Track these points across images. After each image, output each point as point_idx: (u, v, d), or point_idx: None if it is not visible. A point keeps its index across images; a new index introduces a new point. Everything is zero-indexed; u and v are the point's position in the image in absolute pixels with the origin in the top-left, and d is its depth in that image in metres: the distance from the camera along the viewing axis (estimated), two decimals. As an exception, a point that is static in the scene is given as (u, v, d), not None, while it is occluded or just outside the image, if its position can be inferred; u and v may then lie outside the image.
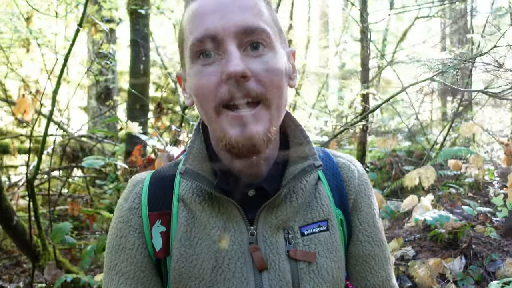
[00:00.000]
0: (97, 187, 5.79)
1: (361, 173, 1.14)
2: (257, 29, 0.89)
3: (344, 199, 1.09)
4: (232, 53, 0.87)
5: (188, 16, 0.95)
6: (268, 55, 0.91)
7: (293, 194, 1.01)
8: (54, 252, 3.09)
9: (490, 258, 3.24)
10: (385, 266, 1.11)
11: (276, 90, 0.92)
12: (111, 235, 1.08)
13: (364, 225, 1.09)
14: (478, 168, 4.23)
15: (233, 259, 0.98)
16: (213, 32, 0.88)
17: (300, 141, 1.04)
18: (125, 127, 2.74)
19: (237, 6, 0.90)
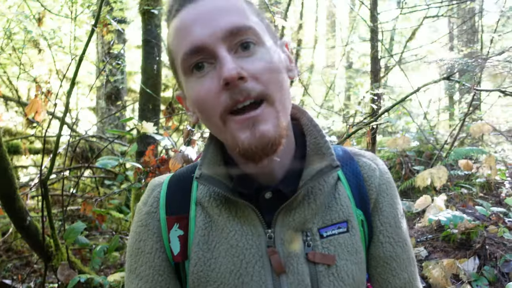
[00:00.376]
0: (105, 187, 5.81)
1: (383, 172, 1.11)
2: (243, 28, 0.88)
3: (365, 199, 1.06)
4: (224, 58, 0.86)
5: (172, 34, 0.94)
6: (260, 52, 0.90)
7: (311, 195, 1.00)
8: (67, 253, 3.09)
9: (504, 259, 3.22)
10: (408, 267, 1.08)
11: (276, 85, 0.90)
12: (131, 238, 1.09)
13: (385, 225, 1.07)
14: (491, 168, 4.20)
15: (251, 262, 0.97)
16: (200, 43, 0.88)
17: (317, 141, 1.02)
18: (140, 127, 2.74)
19: (218, 10, 0.89)
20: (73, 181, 5.22)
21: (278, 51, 0.96)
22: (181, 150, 2.82)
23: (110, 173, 5.45)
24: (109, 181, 5.50)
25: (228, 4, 0.90)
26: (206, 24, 0.88)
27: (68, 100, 2.96)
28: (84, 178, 5.75)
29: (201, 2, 0.90)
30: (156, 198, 1.08)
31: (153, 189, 1.11)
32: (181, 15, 0.92)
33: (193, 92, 0.92)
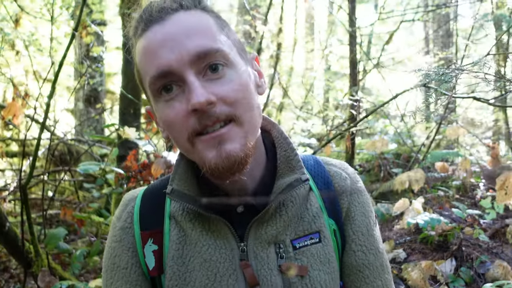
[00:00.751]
0: (84, 190, 5.74)
1: (354, 181, 1.13)
2: (211, 51, 0.88)
3: (337, 209, 1.08)
4: (192, 83, 0.86)
5: (139, 54, 0.93)
6: (229, 73, 0.90)
7: (283, 207, 1.01)
8: (48, 259, 3.05)
9: (480, 260, 3.31)
10: (382, 275, 1.09)
11: (245, 106, 0.91)
12: (106, 253, 1.10)
13: (357, 234, 1.08)
14: (466, 170, 4.31)
15: (225, 276, 0.98)
16: (167, 67, 0.87)
17: (287, 154, 1.04)
18: (122, 132, 2.73)
19: (185, 33, 0.88)
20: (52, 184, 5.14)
21: (247, 70, 0.96)
22: (163, 155, 2.82)
23: (90, 177, 5.39)
24: (88, 185, 5.43)
25: (195, 26, 0.89)
26: (173, 48, 0.87)
27: (48, 105, 2.93)
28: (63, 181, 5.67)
29: (167, 23, 0.89)
30: (130, 213, 1.09)
31: (127, 204, 1.12)
32: (148, 36, 0.90)
33: (162, 114, 0.92)
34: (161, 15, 0.90)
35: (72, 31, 2.77)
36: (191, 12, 0.92)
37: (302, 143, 6.81)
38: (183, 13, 0.91)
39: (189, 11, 0.92)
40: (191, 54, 0.86)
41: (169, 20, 0.89)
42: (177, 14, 0.90)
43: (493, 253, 3.44)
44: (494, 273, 3.14)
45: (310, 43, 10.86)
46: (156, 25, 0.89)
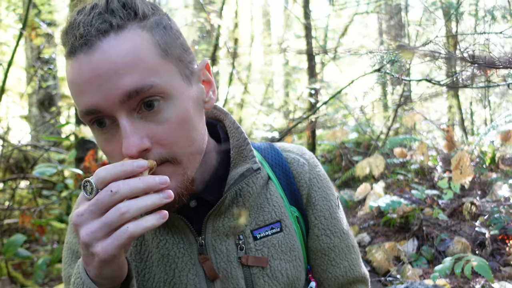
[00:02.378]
0: (44, 197, 5.56)
1: (312, 166, 1.12)
2: (144, 88, 0.80)
3: (297, 196, 1.08)
4: (124, 128, 0.80)
5: (68, 78, 0.84)
6: (166, 108, 0.83)
7: (240, 198, 1.00)
8: (7, 267, 2.95)
9: (440, 238, 3.43)
10: (348, 255, 1.11)
11: (183, 144, 0.87)
12: (66, 250, 1.07)
13: (320, 219, 1.09)
14: (423, 154, 4.45)
15: (184, 271, 0.98)
16: (95, 107, 0.80)
17: (239, 143, 1.03)
18: (79, 132, 2.66)
19: (113, 69, 0.78)
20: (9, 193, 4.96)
21: (188, 95, 0.88)
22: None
23: (48, 183, 5.23)
24: (47, 191, 5.27)
25: (126, 57, 0.79)
26: (101, 87, 0.79)
27: (-1, 107, 2.82)
28: (20, 189, 5.48)
29: (94, 54, 0.79)
30: None
31: None
32: (74, 65, 0.81)
33: (98, 141, 0.88)
34: (87, 42, 0.79)
35: (19, 30, 2.68)
36: (123, 33, 0.80)
37: (265, 137, 6.84)
38: (113, 38, 0.79)
39: (121, 32, 0.80)
40: (120, 94, 0.78)
41: (97, 50, 0.79)
42: (105, 41, 0.79)
43: (452, 230, 3.57)
44: (453, 249, 3.26)
45: (267, 38, 10.91)
46: (81, 54, 0.79)
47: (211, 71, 0.98)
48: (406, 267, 2.99)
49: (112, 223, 0.74)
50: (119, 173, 0.76)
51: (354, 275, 1.11)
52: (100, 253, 0.75)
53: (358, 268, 1.12)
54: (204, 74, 0.95)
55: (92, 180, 0.76)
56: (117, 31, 0.80)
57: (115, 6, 0.82)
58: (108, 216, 0.74)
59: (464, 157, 3.34)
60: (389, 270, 3.09)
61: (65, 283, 1.06)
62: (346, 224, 1.14)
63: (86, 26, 0.79)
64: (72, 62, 0.81)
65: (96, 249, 0.75)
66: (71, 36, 0.80)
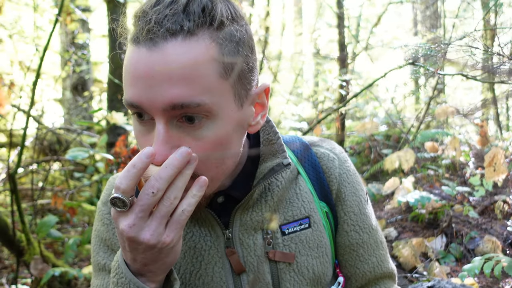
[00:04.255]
0: (75, 179, 5.71)
1: (342, 161, 1.11)
2: (190, 105, 0.78)
3: (327, 191, 1.07)
4: (158, 134, 0.80)
5: (125, 61, 0.84)
6: (206, 126, 0.82)
7: (268, 192, 1.00)
8: (40, 247, 3.04)
9: (469, 236, 3.35)
10: (376, 251, 1.10)
11: (212, 163, 0.86)
12: (94, 238, 1.09)
13: (349, 214, 1.08)
14: (455, 149, 4.34)
15: (211, 263, 0.98)
16: (138, 103, 0.81)
17: (270, 137, 1.03)
18: (110, 118, 2.70)
19: (167, 76, 0.77)
20: (42, 174, 5.11)
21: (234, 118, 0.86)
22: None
23: (80, 166, 5.35)
24: (79, 174, 5.40)
25: (184, 68, 0.77)
26: (150, 88, 0.78)
27: (33, 92, 2.89)
28: (53, 171, 5.64)
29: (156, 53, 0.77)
30: None
31: (112, 188, 1.11)
32: (134, 54, 0.80)
33: (134, 129, 0.90)
34: (154, 38, 0.77)
35: (55, 16, 2.73)
36: (191, 40, 0.78)
37: (293, 127, 6.81)
38: (180, 43, 0.77)
39: (189, 38, 0.77)
40: (165, 103, 0.78)
41: (159, 50, 0.77)
42: (171, 43, 0.77)
43: (483, 229, 3.48)
44: (483, 248, 3.19)
45: (298, 27, 10.80)
46: (144, 47, 0.78)
47: (269, 95, 0.95)
48: (434, 264, 2.95)
49: (167, 213, 0.78)
50: (137, 174, 0.77)
51: (382, 270, 1.10)
52: (169, 242, 0.79)
53: (386, 264, 1.12)
54: (260, 97, 0.93)
55: (118, 194, 0.77)
56: (185, 36, 0.78)
57: (193, 9, 0.79)
58: (161, 209, 0.78)
59: (498, 153, 3.24)
60: (416, 266, 3.05)
61: (93, 268, 1.09)
62: (374, 220, 1.14)
63: (157, 22, 0.77)
64: (133, 49, 0.81)
65: (165, 240, 0.79)
66: (140, 25, 0.80)
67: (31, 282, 3.07)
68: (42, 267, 2.92)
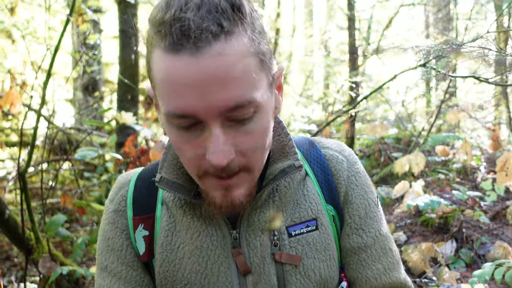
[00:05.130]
0: (84, 179, 5.74)
1: (351, 163, 1.09)
2: (245, 103, 0.78)
3: (335, 194, 1.05)
4: (216, 137, 0.79)
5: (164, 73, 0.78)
6: (254, 120, 0.82)
7: (277, 193, 0.99)
8: (48, 245, 3.06)
9: (480, 242, 3.31)
10: (383, 258, 1.05)
11: (261, 154, 0.87)
12: (100, 236, 1.08)
13: (354, 217, 1.05)
14: (466, 153, 4.30)
15: (217, 263, 0.97)
16: (191, 113, 0.78)
17: (281, 138, 1.02)
18: (119, 118, 2.71)
19: (220, 80, 0.75)
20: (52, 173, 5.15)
21: (271, 103, 0.88)
22: (161, 140, 2.81)
23: (90, 165, 5.39)
24: (88, 173, 5.44)
25: (233, 68, 0.75)
26: (205, 95, 0.75)
27: (44, 91, 2.91)
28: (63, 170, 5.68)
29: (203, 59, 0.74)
30: (124, 197, 1.07)
31: (120, 187, 1.09)
32: (177, 63, 0.75)
33: (172, 135, 0.85)
34: (197, 43, 0.73)
35: (67, 16, 2.74)
36: (232, 39, 0.75)
37: (302, 129, 6.79)
38: (224, 44, 0.75)
39: (230, 37, 0.75)
40: (223, 107, 0.77)
41: (206, 55, 0.74)
42: (216, 46, 0.74)
43: (494, 234, 3.44)
44: (494, 254, 3.15)
45: (309, 29, 10.79)
46: (187, 54, 0.74)
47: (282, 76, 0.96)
48: (443, 269, 2.91)
49: None
50: None
51: (391, 280, 1.05)
52: None
53: (396, 274, 1.06)
54: (279, 80, 0.94)
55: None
56: (226, 36, 0.75)
57: (225, 6, 0.76)
58: None
59: (511, 158, 3.20)
60: (425, 271, 3.02)
61: (97, 266, 1.08)
62: (385, 226, 1.09)
63: (198, 25, 0.73)
64: (173, 59, 0.75)
65: None
66: (177, 31, 0.74)
67: (39, 280, 3.09)
68: (50, 265, 2.93)
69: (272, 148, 1.01)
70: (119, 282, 1.02)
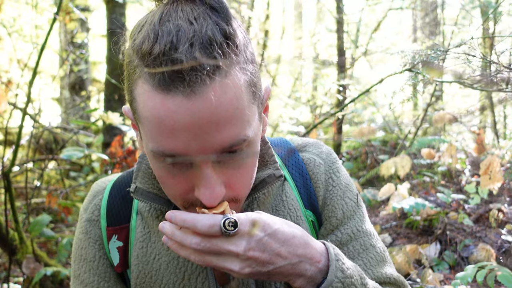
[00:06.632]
0: (71, 178, 5.70)
1: (329, 164, 1.07)
2: (239, 142, 0.76)
3: (313, 199, 1.04)
4: (207, 177, 0.77)
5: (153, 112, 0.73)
6: (245, 154, 0.81)
7: (255, 201, 0.98)
8: (32, 246, 3.03)
9: (463, 244, 3.35)
10: (362, 255, 1.02)
11: (249, 186, 0.86)
12: (74, 244, 1.07)
13: (330, 219, 1.03)
14: (451, 156, 4.35)
15: (194, 274, 0.96)
16: (183, 154, 0.75)
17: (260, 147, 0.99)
18: (106, 118, 2.70)
19: (214, 122, 0.72)
20: (37, 173, 5.10)
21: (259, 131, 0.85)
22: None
23: (76, 165, 5.35)
24: (74, 173, 5.39)
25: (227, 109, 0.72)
26: (197, 138, 0.72)
27: (30, 90, 2.88)
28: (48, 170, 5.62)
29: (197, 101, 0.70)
30: (98, 206, 1.05)
31: (94, 195, 1.08)
32: (168, 102, 0.71)
33: (158, 169, 0.82)
34: (191, 84, 0.69)
35: (54, 14, 2.72)
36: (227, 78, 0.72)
37: (290, 131, 6.81)
38: (219, 84, 0.71)
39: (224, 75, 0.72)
40: (217, 148, 0.74)
41: (201, 97, 0.70)
42: (211, 87, 0.70)
43: (477, 237, 3.48)
44: (477, 256, 3.19)
45: (298, 31, 10.83)
46: (179, 94, 0.70)
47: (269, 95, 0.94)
48: (427, 271, 2.94)
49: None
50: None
51: (374, 275, 1.01)
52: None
53: (380, 269, 1.02)
54: (266, 102, 0.91)
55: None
56: (221, 74, 0.71)
57: (219, 39, 0.71)
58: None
59: (494, 161, 3.24)
60: (409, 273, 3.04)
61: (72, 276, 1.06)
62: (367, 223, 1.07)
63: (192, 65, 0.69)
64: (164, 99, 0.71)
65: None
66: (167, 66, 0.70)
67: (23, 281, 3.05)
68: (34, 266, 2.90)
69: None
70: None
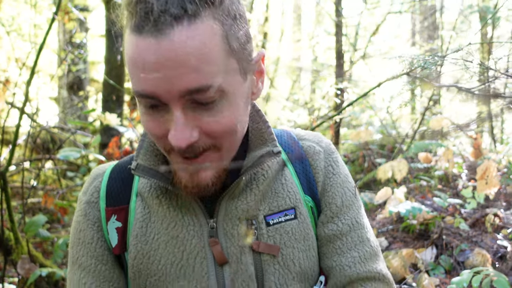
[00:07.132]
0: (68, 179, 5.68)
1: (328, 153, 1.08)
2: (204, 88, 0.78)
3: (312, 184, 1.05)
4: (176, 119, 0.80)
5: (129, 53, 0.80)
6: (219, 104, 0.82)
7: (254, 181, 0.98)
8: (28, 246, 3.02)
9: (459, 248, 3.35)
10: (359, 246, 1.02)
11: (229, 135, 0.87)
12: (72, 228, 1.07)
13: (330, 206, 1.04)
14: (448, 161, 4.36)
15: (193, 254, 0.96)
16: (153, 94, 0.79)
17: (259, 126, 1.02)
18: (103, 118, 2.69)
19: (180, 63, 0.76)
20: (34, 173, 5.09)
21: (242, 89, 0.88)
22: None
23: (73, 165, 5.33)
24: (71, 173, 5.38)
25: (194, 53, 0.76)
26: (164, 78, 0.77)
27: (27, 89, 2.88)
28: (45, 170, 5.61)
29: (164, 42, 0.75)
30: (97, 188, 1.05)
31: (94, 178, 1.08)
32: (139, 44, 0.77)
33: (142, 117, 0.88)
34: (158, 26, 0.74)
35: (52, 14, 2.72)
36: (196, 23, 0.76)
37: (288, 134, 6.81)
38: (186, 27, 0.75)
39: (194, 21, 0.76)
40: (182, 90, 0.77)
41: (167, 38, 0.75)
42: (177, 29, 0.75)
43: (473, 241, 3.49)
44: (473, 261, 3.19)
45: (297, 34, 10.84)
46: (150, 36, 0.75)
47: (264, 61, 0.96)
48: (423, 275, 2.94)
49: None
50: None
51: (366, 269, 1.00)
52: None
53: (372, 264, 1.01)
54: (259, 65, 0.94)
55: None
56: (190, 19, 0.75)
57: None
58: None
59: (491, 166, 3.25)
60: (405, 277, 3.05)
61: (70, 262, 1.05)
62: (363, 215, 1.07)
63: (161, 7, 0.74)
64: (137, 39, 0.77)
65: None
66: (141, 12, 0.76)
67: (18, 281, 3.04)
68: (29, 266, 2.89)
69: (250, 137, 1.01)
70: (88, 276, 1.00)
